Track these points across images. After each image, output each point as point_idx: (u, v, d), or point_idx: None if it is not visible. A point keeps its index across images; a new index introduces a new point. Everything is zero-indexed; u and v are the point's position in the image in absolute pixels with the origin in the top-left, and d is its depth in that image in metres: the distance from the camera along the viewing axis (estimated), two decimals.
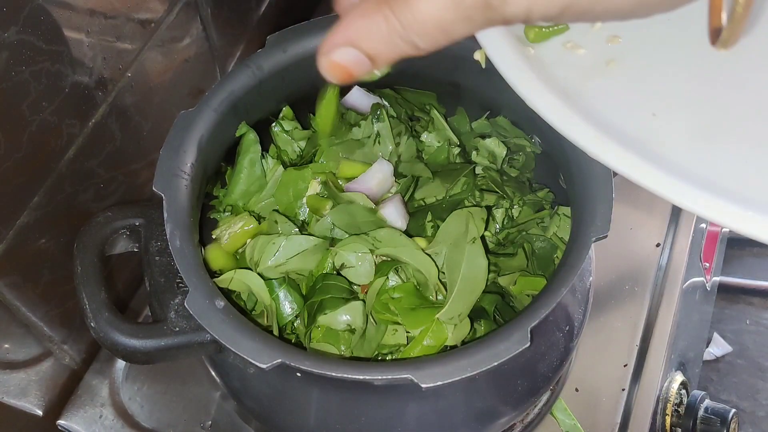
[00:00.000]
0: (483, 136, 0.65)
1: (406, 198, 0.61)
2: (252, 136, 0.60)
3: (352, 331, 0.55)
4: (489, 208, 0.60)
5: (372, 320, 0.55)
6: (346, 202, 0.58)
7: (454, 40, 0.34)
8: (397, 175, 0.62)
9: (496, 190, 0.61)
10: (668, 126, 0.39)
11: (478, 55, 0.42)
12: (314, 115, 0.64)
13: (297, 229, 0.59)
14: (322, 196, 0.60)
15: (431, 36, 0.33)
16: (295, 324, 0.56)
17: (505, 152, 0.63)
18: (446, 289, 0.55)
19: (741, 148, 0.39)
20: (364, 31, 0.34)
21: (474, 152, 0.64)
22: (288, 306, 0.55)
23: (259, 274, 0.55)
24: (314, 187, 0.60)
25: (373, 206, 0.58)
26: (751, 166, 0.38)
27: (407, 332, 0.54)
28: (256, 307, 0.58)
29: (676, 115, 0.40)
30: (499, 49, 0.39)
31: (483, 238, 0.57)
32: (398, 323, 0.54)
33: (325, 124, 0.60)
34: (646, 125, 0.39)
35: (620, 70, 0.41)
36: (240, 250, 0.59)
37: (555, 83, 0.39)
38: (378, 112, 0.63)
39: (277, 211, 0.61)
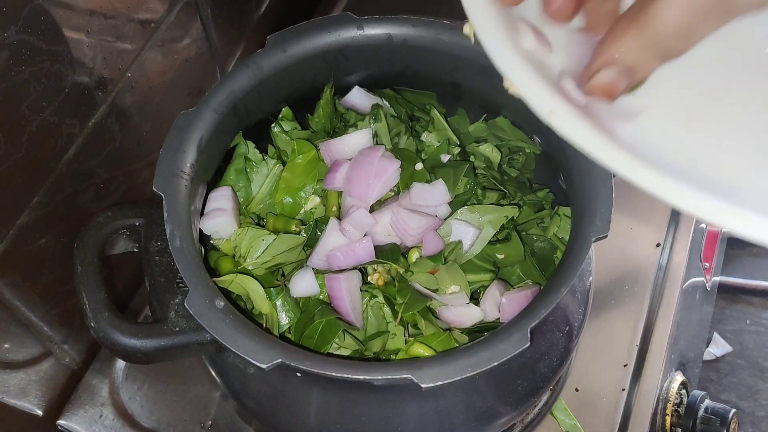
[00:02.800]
0: (478, 141, 0.65)
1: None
2: (242, 149, 0.61)
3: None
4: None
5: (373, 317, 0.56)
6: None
7: (704, 36, 0.37)
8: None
9: (498, 187, 0.61)
10: (654, 122, 0.41)
11: (467, 29, 0.42)
12: (312, 115, 0.64)
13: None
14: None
15: (681, 39, 0.37)
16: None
17: (499, 157, 0.63)
18: None
19: (721, 135, 0.40)
20: (620, 51, 0.38)
21: (472, 157, 0.64)
22: (284, 316, 0.55)
23: (244, 269, 0.56)
24: (313, 201, 0.61)
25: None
26: (729, 154, 0.39)
27: (406, 337, 0.55)
28: (255, 308, 0.58)
29: (662, 108, 0.41)
30: (491, 35, 0.40)
31: None
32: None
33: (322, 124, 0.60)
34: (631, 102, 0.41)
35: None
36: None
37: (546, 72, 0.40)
38: (376, 113, 0.63)
39: (273, 213, 0.61)
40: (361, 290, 0.56)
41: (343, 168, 0.59)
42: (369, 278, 0.57)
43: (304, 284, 0.56)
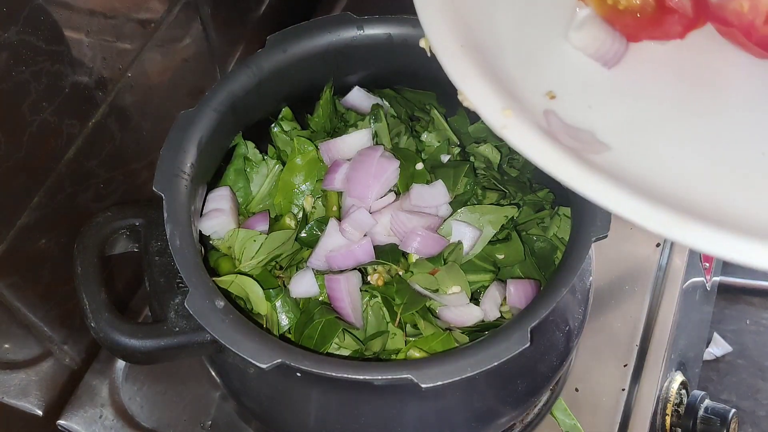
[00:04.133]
0: (478, 142, 0.65)
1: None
2: (241, 150, 0.61)
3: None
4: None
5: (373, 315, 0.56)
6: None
7: None
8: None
9: (498, 187, 0.61)
10: (603, 118, 0.42)
11: (423, 42, 0.43)
12: (312, 115, 0.64)
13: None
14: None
15: None
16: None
17: (499, 158, 0.63)
18: None
19: (670, 138, 0.41)
20: None
21: (471, 158, 0.64)
22: (284, 317, 0.55)
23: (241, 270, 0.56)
24: (309, 202, 0.61)
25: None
26: (673, 158, 0.40)
27: (405, 338, 0.55)
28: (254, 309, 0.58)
29: (611, 107, 0.43)
30: (446, 49, 0.41)
31: None
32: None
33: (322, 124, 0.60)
34: (584, 116, 0.42)
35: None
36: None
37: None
38: (376, 113, 0.63)
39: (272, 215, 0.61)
40: (360, 290, 0.56)
41: (342, 168, 0.59)
42: (369, 278, 0.57)
43: (303, 285, 0.56)
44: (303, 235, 0.59)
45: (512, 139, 0.38)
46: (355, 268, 0.57)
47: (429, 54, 0.43)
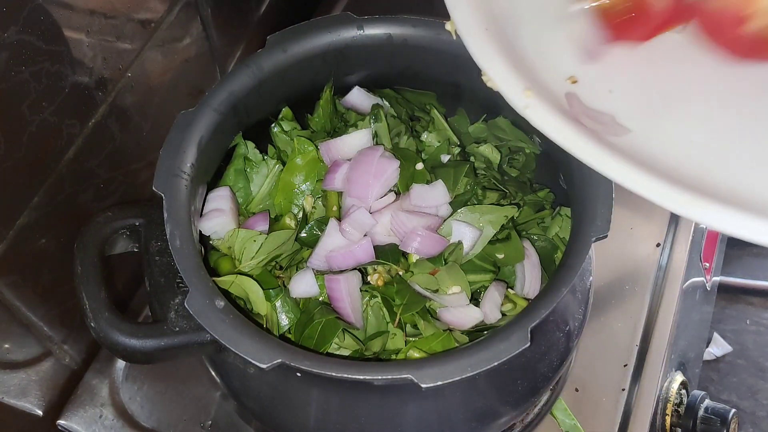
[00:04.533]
0: (478, 142, 0.65)
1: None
2: (241, 150, 0.61)
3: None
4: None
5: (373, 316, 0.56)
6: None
7: None
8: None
9: (499, 187, 0.61)
10: (624, 102, 0.44)
11: (449, 26, 0.44)
12: (312, 115, 0.64)
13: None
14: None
15: None
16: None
17: (499, 158, 0.63)
18: None
19: (687, 123, 0.43)
20: None
21: (471, 158, 0.64)
22: (284, 317, 0.55)
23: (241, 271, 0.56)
24: (309, 202, 0.61)
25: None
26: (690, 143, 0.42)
27: (406, 338, 0.55)
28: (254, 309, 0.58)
29: (631, 92, 0.44)
30: (470, 31, 0.43)
31: None
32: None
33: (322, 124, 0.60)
34: (605, 100, 0.44)
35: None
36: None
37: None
38: (376, 113, 0.63)
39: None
40: (360, 290, 0.56)
41: (342, 168, 0.59)
42: (369, 278, 0.57)
43: (303, 285, 0.56)
44: (303, 235, 0.59)
45: (535, 118, 0.40)
46: (355, 268, 0.57)
47: (455, 37, 0.44)
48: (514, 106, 0.41)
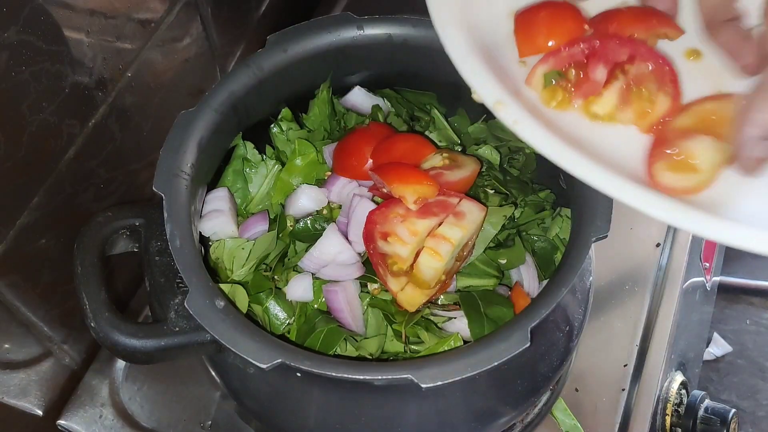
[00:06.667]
0: (477, 143, 0.65)
1: None
2: (240, 151, 0.61)
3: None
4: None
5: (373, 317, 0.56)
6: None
7: None
8: None
9: (501, 189, 0.61)
10: None
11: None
12: (307, 114, 0.64)
13: None
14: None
15: None
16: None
17: (499, 159, 0.63)
18: None
19: None
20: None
21: None
22: (280, 313, 0.55)
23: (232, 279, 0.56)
24: None
25: None
26: None
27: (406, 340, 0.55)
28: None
29: None
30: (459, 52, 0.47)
31: None
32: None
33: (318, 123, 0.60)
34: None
35: None
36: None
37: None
38: (374, 115, 0.63)
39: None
40: (360, 294, 0.56)
41: (339, 182, 0.60)
42: (368, 286, 0.57)
43: (300, 290, 0.56)
44: (300, 225, 0.58)
45: (524, 134, 0.43)
46: None
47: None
48: (504, 123, 0.44)
